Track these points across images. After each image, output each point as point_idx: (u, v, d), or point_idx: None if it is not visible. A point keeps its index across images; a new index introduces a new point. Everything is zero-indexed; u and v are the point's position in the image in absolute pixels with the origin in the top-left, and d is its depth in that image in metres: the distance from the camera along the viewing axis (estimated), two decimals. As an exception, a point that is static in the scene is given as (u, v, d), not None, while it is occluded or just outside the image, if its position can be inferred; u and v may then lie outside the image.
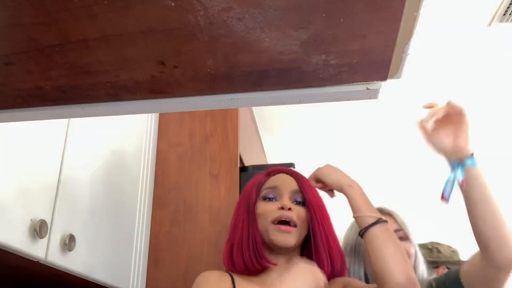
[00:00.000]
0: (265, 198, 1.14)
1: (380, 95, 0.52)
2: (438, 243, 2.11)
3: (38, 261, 0.95)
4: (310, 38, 0.44)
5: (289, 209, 1.10)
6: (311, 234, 1.12)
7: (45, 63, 0.49)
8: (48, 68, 0.50)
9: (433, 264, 1.99)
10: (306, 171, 1.17)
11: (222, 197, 1.60)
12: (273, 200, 1.13)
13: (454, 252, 2.09)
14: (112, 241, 1.30)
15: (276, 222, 1.09)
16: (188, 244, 1.54)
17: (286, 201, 1.11)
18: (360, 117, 3.57)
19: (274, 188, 1.15)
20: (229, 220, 1.33)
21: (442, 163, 1.09)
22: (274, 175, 1.20)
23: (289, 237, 1.08)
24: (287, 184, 1.16)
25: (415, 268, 1.20)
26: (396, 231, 1.20)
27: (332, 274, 1.09)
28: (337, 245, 1.14)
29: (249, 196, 1.17)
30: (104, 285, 1.23)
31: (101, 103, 0.56)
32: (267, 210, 1.11)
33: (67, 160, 1.08)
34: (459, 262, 1.99)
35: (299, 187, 1.15)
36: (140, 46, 0.46)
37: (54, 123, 1.05)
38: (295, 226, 1.09)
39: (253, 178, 1.23)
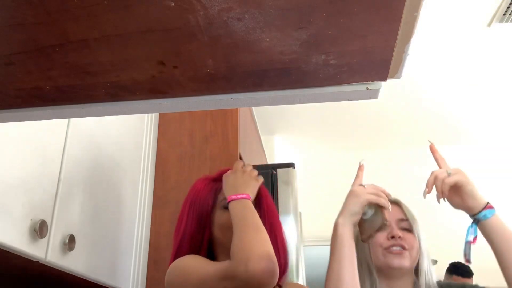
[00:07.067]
0: (225, 207, 1.09)
1: (379, 95, 0.52)
2: None
3: (38, 261, 0.95)
4: (310, 38, 0.44)
5: None
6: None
7: (45, 63, 0.49)
8: (48, 68, 0.50)
9: None
10: (306, 171, 1.16)
11: (222, 197, 1.59)
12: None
13: None
14: (112, 241, 1.30)
15: None
16: (188, 244, 1.54)
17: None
18: (359, 117, 3.57)
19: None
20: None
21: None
22: None
23: None
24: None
25: (418, 264, 1.15)
26: (400, 220, 1.16)
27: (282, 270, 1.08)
28: (282, 241, 1.14)
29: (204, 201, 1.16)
30: (104, 285, 1.23)
31: (101, 103, 0.56)
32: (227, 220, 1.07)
33: (67, 160, 1.08)
34: None
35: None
36: (140, 46, 0.46)
37: (54, 123, 1.05)
38: None
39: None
